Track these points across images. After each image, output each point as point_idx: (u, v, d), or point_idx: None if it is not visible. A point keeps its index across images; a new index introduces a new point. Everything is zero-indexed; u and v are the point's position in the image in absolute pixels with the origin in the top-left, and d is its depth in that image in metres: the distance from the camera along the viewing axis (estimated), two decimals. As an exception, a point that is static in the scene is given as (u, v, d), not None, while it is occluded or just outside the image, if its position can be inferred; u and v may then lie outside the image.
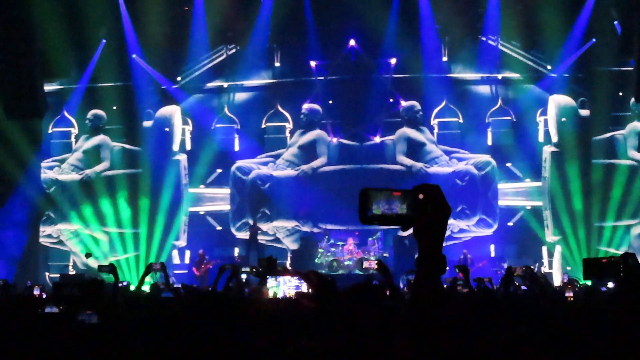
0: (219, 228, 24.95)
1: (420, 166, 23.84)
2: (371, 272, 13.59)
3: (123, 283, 13.12)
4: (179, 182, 24.07)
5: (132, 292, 11.29)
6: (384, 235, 22.67)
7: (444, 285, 9.78)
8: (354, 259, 21.73)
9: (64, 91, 25.15)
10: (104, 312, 4.59)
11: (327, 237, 22.58)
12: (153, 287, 10.30)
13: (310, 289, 4.15)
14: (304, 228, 24.07)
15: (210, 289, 8.25)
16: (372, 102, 24.28)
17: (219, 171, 24.88)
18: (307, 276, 4.07)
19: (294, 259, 23.30)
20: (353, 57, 24.40)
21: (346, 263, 21.87)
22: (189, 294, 7.83)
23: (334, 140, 24.53)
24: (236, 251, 24.22)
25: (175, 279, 19.84)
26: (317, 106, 24.56)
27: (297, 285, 16.89)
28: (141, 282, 8.90)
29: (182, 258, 24.27)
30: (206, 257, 22.47)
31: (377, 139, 24.41)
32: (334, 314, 3.26)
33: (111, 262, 18.13)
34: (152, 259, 22.22)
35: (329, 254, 22.23)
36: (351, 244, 22.21)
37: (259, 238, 23.40)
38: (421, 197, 2.18)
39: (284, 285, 17.32)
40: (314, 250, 22.52)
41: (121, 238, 24.30)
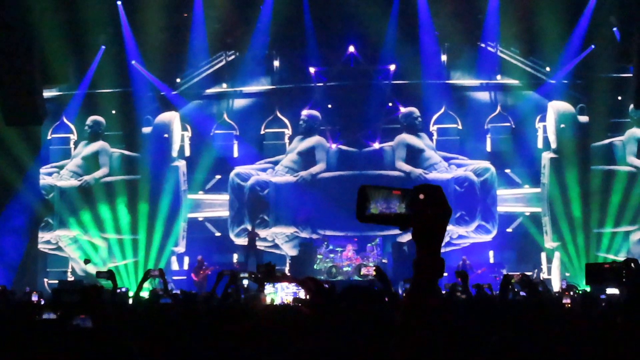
0: (217, 234, 24.92)
1: (419, 172, 23.83)
2: (369, 278, 13.59)
3: (121, 289, 13.08)
4: (178, 188, 24.05)
5: (130, 297, 11.26)
6: (382, 241, 22.67)
7: (442, 291, 9.78)
8: (353, 265, 21.71)
9: (63, 97, 25.15)
10: (101, 318, 4.59)
11: (326, 243, 22.57)
12: (151, 293, 10.27)
13: (307, 296, 4.15)
14: (303, 234, 24.05)
15: (208, 295, 8.24)
16: (371, 108, 24.29)
17: (218, 177, 24.87)
18: (304, 283, 4.07)
19: (293, 265, 23.26)
20: (352, 64, 24.40)
21: (345, 269, 21.84)
22: (186, 299, 7.81)
23: (333, 147, 24.52)
24: (235, 257, 24.18)
25: (174, 285, 19.82)
26: (316, 112, 24.56)
27: (294, 292, 16.86)
28: (139, 288, 8.86)
29: (181, 264, 24.25)
30: (205, 263, 22.45)
31: (376, 145, 24.40)
32: (330, 320, 3.25)
33: (110, 268, 18.12)
34: (150, 265, 22.19)
35: (327, 260, 22.21)
36: (350, 250, 22.19)
37: (257, 244, 23.37)
38: (422, 197, 2.14)
39: (281, 291, 17.29)
40: (312, 256, 22.50)
41: (120, 244, 24.26)
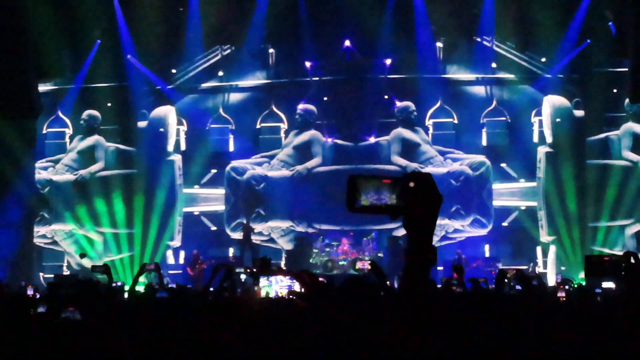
0: (213, 228, 24.92)
1: (414, 166, 23.82)
2: (365, 272, 13.60)
3: (117, 283, 13.08)
4: (174, 183, 24.03)
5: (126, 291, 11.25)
6: (378, 235, 22.70)
7: (437, 284, 9.79)
8: (349, 259, 21.74)
9: (59, 91, 25.11)
10: (91, 311, 4.58)
11: (321, 237, 22.59)
12: (147, 287, 10.26)
13: (302, 289, 4.15)
14: (299, 228, 24.05)
15: (203, 289, 8.24)
16: (367, 102, 24.28)
17: (214, 171, 24.85)
18: (299, 276, 4.07)
19: (289, 259, 23.27)
20: (348, 58, 24.37)
21: (341, 263, 21.86)
22: (179, 292, 7.80)
23: (328, 141, 24.50)
24: (231, 251, 24.17)
25: (169, 279, 19.83)
26: (312, 107, 24.53)
27: (289, 285, 16.87)
28: (135, 283, 8.86)
29: (177, 258, 24.23)
30: (200, 258, 22.44)
31: (372, 140, 24.40)
32: (325, 314, 3.25)
33: (105, 262, 18.11)
34: (146, 260, 22.19)
35: (323, 254, 22.23)
36: (346, 244, 22.21)
37: (254, 238, 23.37)
38: (412, 185, 2.13)
39: (276, 285, 17.31)
40: (308, 250, 22.52)
41: (115, 238, 24.24)
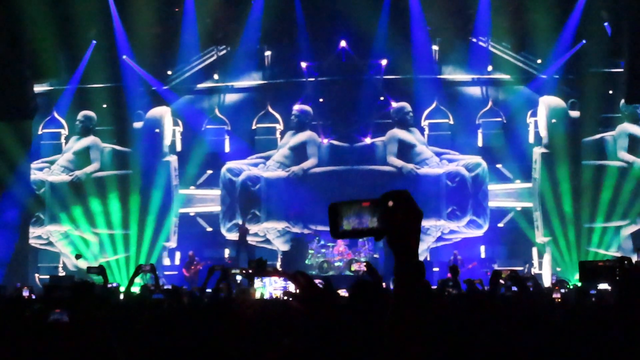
0: (209, 229, 24.90)
1: (410, 167, 23.83)
2: (360, 273, 13.61)
3: (112, 284, 13.06)
4: (169, 183, 24.01)
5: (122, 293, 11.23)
6: (374, 236, 22.66)
7: (432, 285, 9.79)
8: (344, 260, 21.73)
9: (54, 92, 25.07)
10: (80, 313, 4.57)
11: (317, 238, 22.57)
12: (143, 288, 10.25)
13: (297, 290, 4.14)
14: (295, 229, 24.04)
15: (198, 290, 8.23)
16: (362, 103, 24.26)
17: (210, 172, 24.84)
18: (294, 277, 4.05)
19: (285, 260, 23.26)
20: (344, 58, 24.36)
21: (336, 264, 21.86)
22: (175, 294, 7.78)
23: (324, 142, 24.50)
24: (226, 252, 24.16)
25: (165, 280, 19.82)
26: (307, 107, 24.53)
27: (283, 286, 16.89)
28: (130, 284, 8.85)
29: (172, 259, 24.21)
30: (196, 259, 22.42)
31: (368, 140, 24.39)
32: (325, 315, 3.24)
33: (101, 263, 18.08)
34: (142, 261, 22.17)
35: (319, 255, 22.22)
36: (341, 245, 22.18)
37: (249, 239, 23.36)
38: (391, 204, 2.13)
39: (269, 286, 17.31)
40: (304, 251, 22.50)
41: (111, 239, 24.20)
